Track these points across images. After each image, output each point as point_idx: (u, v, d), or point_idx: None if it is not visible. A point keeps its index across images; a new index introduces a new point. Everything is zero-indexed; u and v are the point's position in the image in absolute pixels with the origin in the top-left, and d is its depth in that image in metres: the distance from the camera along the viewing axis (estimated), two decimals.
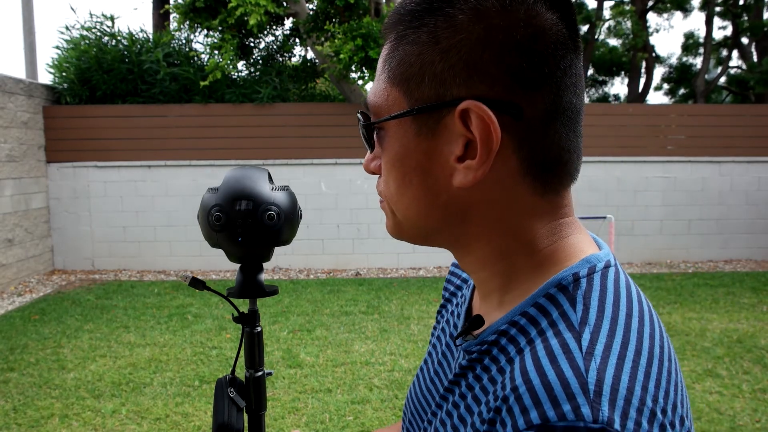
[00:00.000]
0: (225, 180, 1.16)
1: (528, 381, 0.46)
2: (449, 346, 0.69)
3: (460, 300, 0.73)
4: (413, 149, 0.55)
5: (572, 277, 0.54)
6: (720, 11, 11.98)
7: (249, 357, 1.28)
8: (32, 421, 3.34)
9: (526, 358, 0.49)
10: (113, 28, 7.66)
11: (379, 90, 0.57)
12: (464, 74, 0.52)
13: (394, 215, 0.61)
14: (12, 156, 6.48)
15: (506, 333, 0.55)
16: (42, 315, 5.38)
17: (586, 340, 0.48)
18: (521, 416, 0.45)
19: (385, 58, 0.57)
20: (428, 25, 0.53)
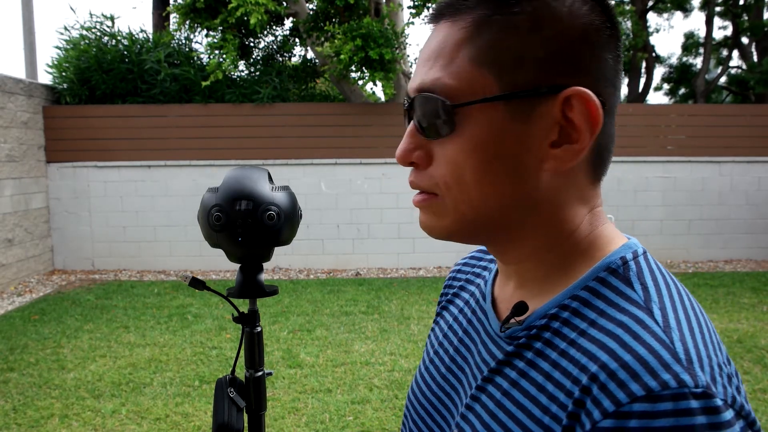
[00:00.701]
0: (225, 180, 1.16)
1: (618, 358, 0.48)
2: (464, 341, 0.69)
3: (476, 294, 0.73)
4: (505, 133, 0.54)
5: (620, 260, 0.57)
6: (720, 11, 11.98)
7: (249, 357, 1.27)
8: (32, 421, 3.33)
9: (601, 337, 0.51)
10: (113, 28, 7.66)
11: (458, 72, 0.55)
12: (565, 64, 0.54)
13: (455, 210, 0.58)
14: (12, 156, 6.48)
15: (557, 317, 0.56)
16: (42, 315, 5.38)
17: (658, 316, 0.51)
18: (620, 390, 0.46)
19: (461, 40, 0.55)
20: (527, 12, 0.54)
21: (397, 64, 7.32)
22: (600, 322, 0.53)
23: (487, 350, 0.64)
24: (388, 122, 7.34)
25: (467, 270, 0.79)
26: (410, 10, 7.45)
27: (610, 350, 0.49)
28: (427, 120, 0.57)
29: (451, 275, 0.82)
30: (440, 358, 0.72)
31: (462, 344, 0.69)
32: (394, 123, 7.34)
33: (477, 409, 0.60)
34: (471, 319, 0.70)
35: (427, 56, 0.58)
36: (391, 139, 7.34)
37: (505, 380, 0.58)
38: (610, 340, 0.50)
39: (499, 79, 0.54)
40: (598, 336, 0.52)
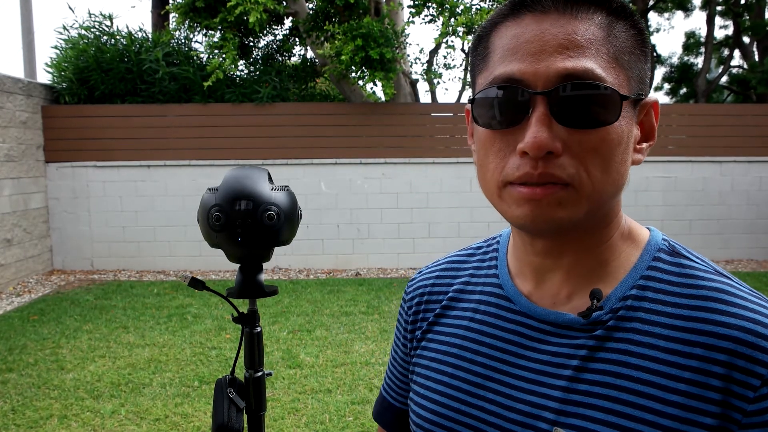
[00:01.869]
0: (225, 180, 1.15)
1: (754, 322, 0.56)
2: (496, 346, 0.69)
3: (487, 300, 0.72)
4: (630, 131, 0.61)
5: (665, 241, 0.66)
6: (721, 11, 11.97)
7: (249, 357, 1.26)
8: (31, 422, 3.32)
9: (715, 306, 0.58)
10: (112, 27, 7.64)
11: (607, 67, 0.58)
12: (648, 76, 0.63)
13: (588, 200, 0.59)
14: (11, 156, 6.47)
15: (638, 297, 0.62)
16: (41, 315, 5.37)
17: (732, 280, 0.62)
18: (762, 351, 0.54)
19: (601, 37, 0.59)
20: (637, 27, 0.62)
21: (398, 63, 7.31)
22: (691, 292, 0.60)
23: (555, 344, 0.64)
24: (388, 122, 7.32)
25: (446, 280, 0.78)
26: (410, 9, 7.44)
27: (734, 323, 0.56)
28: (584, 108, 0.56)
29: (423, 290, 0.79)
30: (465, 370, 0.70)
31: (495, 349, 0.68)
32: (394, 123, 7.33)
33: (583, 399, 0.60)
34: (497, 324, 0.69)
35: (560, 44, 0.57)
36: (391, 138, 7.33)
37: (609, 363, 0.60)
38: (724, 306, 0.58)
39: (629, 81, 0.60)
40: (703, 304, 0.59)
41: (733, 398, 0.54)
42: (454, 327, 0.73)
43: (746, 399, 0.54)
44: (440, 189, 7.41)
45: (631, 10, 0.61)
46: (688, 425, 0.55)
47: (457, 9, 7.22)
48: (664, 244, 0.65)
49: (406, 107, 7.52)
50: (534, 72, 0.57)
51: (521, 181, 0.58)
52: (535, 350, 0.65)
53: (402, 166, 7.35)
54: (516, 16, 0.60)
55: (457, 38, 7.49)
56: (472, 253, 0.80)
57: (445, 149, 7.38)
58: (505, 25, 0.61)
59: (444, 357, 0.72)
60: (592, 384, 0.60)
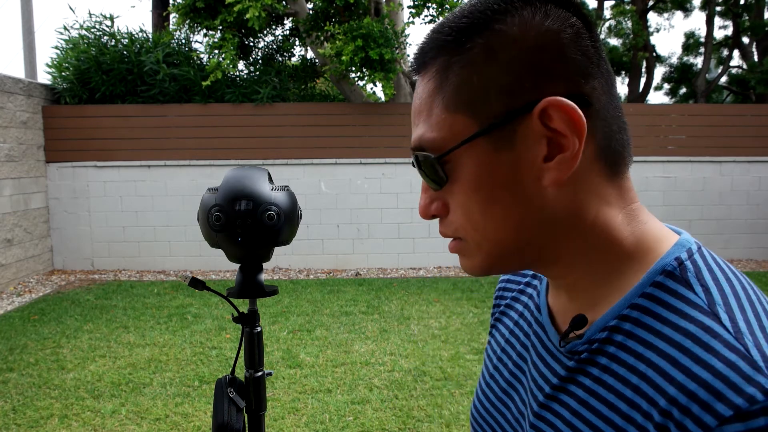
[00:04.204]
0: (225, 180, 1.15)
1: (694, 376, 0.47)
2: (522, 355, 0.69)
3: (530, 306, 0.72)
4: (495, 166, 0.55)
5: (675, 261, 0.54)
6: (721, 11, 11.97)
7: (249, 357, 1.27)
8: (31, 422, 3.32)
9: (670, 351, 0.50)
10: (112, 27, 7.65)
11: (437, 123, 0.56)
12: (531, 80, 0.53)
13: (479, 248, 0.59)
14: (11, 156, 6.47)
15: (618, 328, 0.55)
16: (41, 315, 5.37)
17: (726, 321, 0.49)
18: (705, 413, 0.45)
19: (432, 91, 0.57)
20: (480, 45, 0.54)
21: (397, 64, 7.31)
22: (666, 332, 0.51)
23: (546, 365, 0.63)
24: (388, 122, 7.33)
25: (518, 280, 0.78)
26: (410, 9, 7.44)
27: (684, 367, 0.48)
28: (427, 174, 0.58)
29: (501, 286, 0.81)
30: (500, 372, 0.72)
31: (520, 358, 0.69)
32: (394, 123, 7.33)
33: (543, 427, 0.60)
34: (528, 332, 0.70)
35: (413, 112, 0.59)
36: (391, 138, 7.33)
37: (572, 398, 0.58)
38: (681, 355, 0.49)
39: (474, 117, 0.55)
40: (667, 349, 0.50)
41: None
42: (507, 326, 0.75)
43: None
44: None
45: (466, 30, 0.55)
46: None
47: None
48: (673, 265, 0.54)
49: (406, 107, 7.53)
50: (413, 139, 0.60)
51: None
52: (535, 365, 0.65)
53: (402, 166, 7.36)
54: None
55: None
56: None
57: None
58: None
59: (495, 351, 0.75)
60: (554, 414, 0.59)
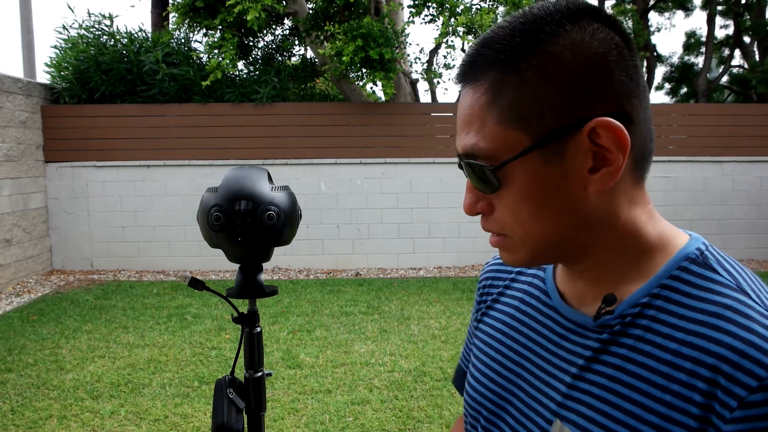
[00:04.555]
0: (224, 180, 1.14)
1: (741, 338, 0.55)
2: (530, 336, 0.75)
3: (532, 292, 0.79)
4: (545, 176, 0.61)
5: (697, 251, 0.64)
6: (722, 10, 11.96)
7: (248, 357, 1.25)
8: (30, 423, 3.31)
9: (712, 320, 0.58)
10: (112, 27, 7.63)
11: (490, 134, 0.62)
12: (581, 99, 0.59)
13: (524, 245, 0.66)
14: (10, 156, 6.46)
15: (650, 305, 0.63)
16: (40, 315, 5.36)
17: (756, 297, 0.59)
18: (757, 367, 0.53)
19: (485, 104, 0.62)
20: (534, 66, 0.60)
21: (397, 63, 7.30)
22: (700, 306, 0.60)
23: (572, 342, 0.69)
24: (388, 122, 7.32)
25: (504, 275, 0.86)
26: (410, 9, 7.43)
27: (728, 331, 0.56)
28: (478, 180, 0.65)
29: (489, 275, 0.89)
30: (504, 355, 0.78)
31: (529, 339, 0.75)
32: (394, 123, 7.32)
33: (580, 396, 0.65)
34: (534, 316, 0.76)
35: (462, 120, 0.65)
36: (391, 138, 7.32)
37: (608, 367, 0.64)
38: (723, 322, 0.57)
39: (526, 132, 0.61)
40: (706, 318, 0.58)
41: (712, 415, 0.55)
42: (504, 313, 0.82)
43: (723, 418, 0.54)
44: (440, 189, 7.41)
45: (520, 50, 0.60)
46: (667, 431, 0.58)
47: (458, 9, 7.21)
48: (695, 254, 0.64)
49: (406, 107, 7.52)
50: (458, 149, 0.66)
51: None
52: (557, 344, 0.71)
53: (402, 166, 7.35)
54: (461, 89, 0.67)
55: (457, 38, 7.48)
56: None
57: (445, 149, 7.38)
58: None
59: (493, 339, 0.81)
60: (591, 384, 0.65)
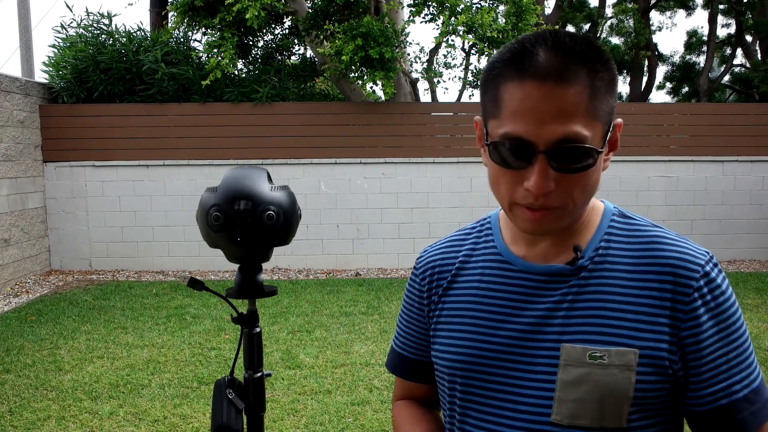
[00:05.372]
0: (224, 180, 1.12)
1: (673, 256, 0.84)
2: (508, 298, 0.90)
3: (489, 265, 0.94)
4: (601, 159, 0.81)
5: (615, 208, 0.93)
6: (723, 9, 11.95)
7: (248, 358, 1.24)
8: (28, 423, 3.29)
9: (651, 247, 0.86)
10: (110, 26, 7.61)
11: (589, 125, 0.78)
12: (614, 106, 0.82)
13: (571, 215, 0.82)
14: (8, 155, 6.44)
15: (605, 247, 0.87)
16: (39, 316, 5.34)
17: (665, 229, 0.89)
18: (691, 274, 0.82)
19: (584, 100, 0.76)
20: (610, 77, 0.80)
21: (398, 63, 7.28)
22: (639, 240, 0.87)
23: (550, 288, 0.86)
24: (388, 122, 7.30)
25: (451, 254, 0.99)
26: (410, 8, 7.41)
27: (666, 251, 0.84)
28: (575, 162, 0.78)
29: (432, 263, 1.00)
30: (480, 319, 0.91)
31: (503, 300, 0.89)
32: (394, 123, 7.30)
33: (578, 321, 0.84)
34: (502, 282, 0.91)
35: (556, 113, 0.76)
36: (391, 138, 7.30)
37: (593, 293, 0.84)
38: (660, 245, 0.85)
39: (604, 124, 0.80)
40: (648, 247, 0.86)
41: (678, 304, 0.82)
42: (466, 290, 0.94)
43: (684, 303, 0.81)
44: (440, 189, 7.39)
45: (606, 57, 0.79)
46: (653, 322, 0.82)
47: (458, 8, 7.19)
48: (615, 210, 0.92)
49: (406, 107, 7.50)
50: (537, 134, 0.76)
51: (526, 206, 0.80)
52: (537, 296, 0.87)
53: (402, 166, 7.33)
54: (520, 80, 0.76)
55: (457, 37, 7.46)
56: (468, 232, 1.01)
57: (445, 149, 7.36)
58: (511, 85, 0.77)
59: (462, 312, 0.93)
60: (584, 309, 0.84)
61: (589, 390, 0.81)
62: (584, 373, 0.81)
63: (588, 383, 0.81)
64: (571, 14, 13.15)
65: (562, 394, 0.82)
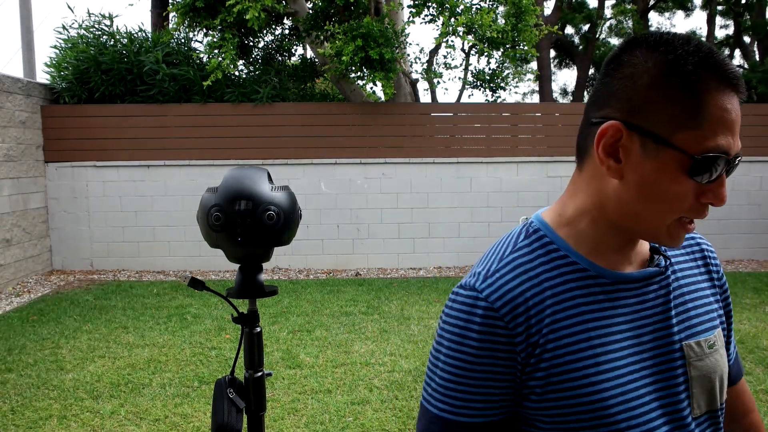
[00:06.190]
0: (224, 180, 1.14)
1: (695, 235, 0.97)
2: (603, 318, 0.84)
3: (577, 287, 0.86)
4: None
5: None
6: (722, 10, 11.96)
7: (248, 357, 1.26)
8: (30, 423, 3.31)
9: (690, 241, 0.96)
10: (111, 27, 7.63)
11: None
12: None
13: None
14: (10, 156, 6.46)
15: (666, 249, 0.92)
16: (40, 315, 5.36)
17: None
18: (713, 250, 0.98)
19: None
20: None
21: (397, 63, 7.30)
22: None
23: (645, 293, 0.86)
24: (388, 122, 7.32)
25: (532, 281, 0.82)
26: (410, 9, 7.43)
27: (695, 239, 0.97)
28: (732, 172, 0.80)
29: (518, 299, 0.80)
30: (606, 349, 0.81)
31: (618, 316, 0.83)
32: (394, 123, 7.32)
33: (684, 316, 0.87)
34: (601, 298, 0.83)
35: (737, 125, 0.75)
36: (391, 138, 7.32)
37: (680, 289, 0.89)
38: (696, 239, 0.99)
39: None
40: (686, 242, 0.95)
41: (714, 280, 0.95)
42: (568, 318, 0.81)
43: (718, 278, 0.96)
44: (440, 189, 7.41)
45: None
46: (713, 300, 0.92)
47: (458, 9, 7.21)
48: None
49: (406, 107, 7.52)
50: (733, 148, 0.74)
51: (691, 219, 0.79)
52: (639, 303, 0.84)
53: (402, 166, 7.35)
54: (726, 91, 0.73)
55: (457, 38, 7.48)
56: (525, 252, 0.85)
57: (445, 149, 7.37)
58: (718, 95, 0.73)
59: (579, 345, 0.80)
60: (682, 304, 0.88)
61: (711, 378, 0.86)
62: (707, 365, 0.86)
63: (711, 372, 0.87)
64: (571, 15, 13.15)
65: (696, 390, 0.85)
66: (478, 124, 7.45)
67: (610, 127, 0.75)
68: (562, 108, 7.75)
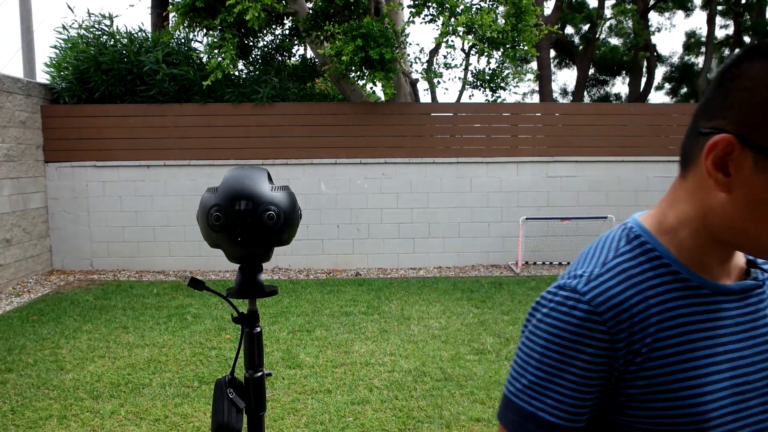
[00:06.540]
0: (224, 180, 1.14)
1: None
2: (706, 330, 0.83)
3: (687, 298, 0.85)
4: None
5: None
6: (722, 10, 11.96)
7: (248, 357, 1.26)
8: (30, 423, 3.31)
9: None
10: (111, 27, 7.63)
11: None
12: None
13: None
14: (10, 156, 6.46)
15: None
16: (40, 315, 5.36)
17: None
18: None
19: None
20: None
21: (397, 63, 7.30)
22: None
23: (746, 306, 0.85)
24: (387, 122, 7.32)
25: (635, 289, 0.81)
26: (410, 9, 7.42)
27: None
28: None
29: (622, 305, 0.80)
30: (713, 359, 0.81)
31: (721, 328, 0.83)
32: (394, 123, 7.32)
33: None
34: (705, 309, 0.82)
35: None
36: (391, 138, 7.32)
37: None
38: None
39: None
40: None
41: None
42: (672, 329, 0.80)
43: None
44: (440, 189, 7.41)
45: None
46: None
47: (458, 9, 7.21)
48: None
49: (406, 107, 7.52)
50: None
51: None
52: (743, 315, 0.84)
53: (402, 166, 7.35)
54: None
55: (457, 38, 7.48)
56: (628, 258, 0.84)
57: (445, 149, 7.38)
58: None
59: (684, 356, 0.80)
60: None
61: None
62: None
63: None
64: (571, 15, 13.16)
65: None
66: (478, 124, 7.46)
67: (722, 140, 0.72)
68: (562, 108, 7.76)
